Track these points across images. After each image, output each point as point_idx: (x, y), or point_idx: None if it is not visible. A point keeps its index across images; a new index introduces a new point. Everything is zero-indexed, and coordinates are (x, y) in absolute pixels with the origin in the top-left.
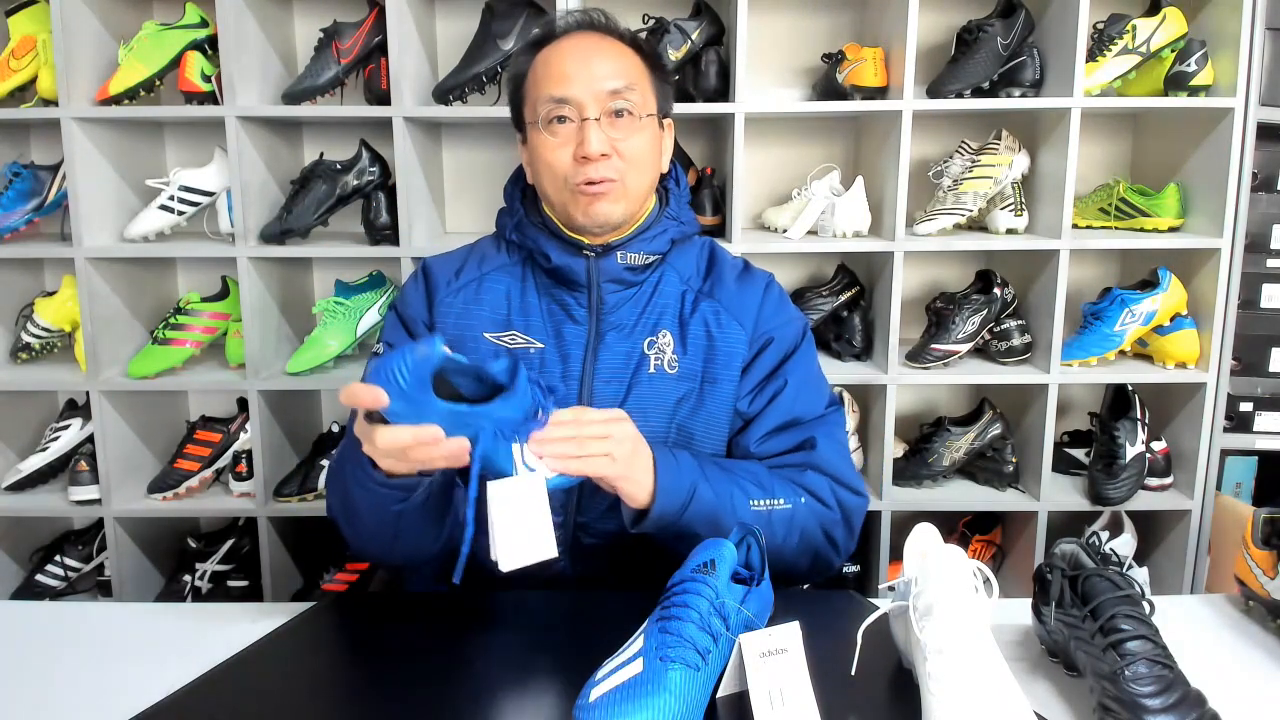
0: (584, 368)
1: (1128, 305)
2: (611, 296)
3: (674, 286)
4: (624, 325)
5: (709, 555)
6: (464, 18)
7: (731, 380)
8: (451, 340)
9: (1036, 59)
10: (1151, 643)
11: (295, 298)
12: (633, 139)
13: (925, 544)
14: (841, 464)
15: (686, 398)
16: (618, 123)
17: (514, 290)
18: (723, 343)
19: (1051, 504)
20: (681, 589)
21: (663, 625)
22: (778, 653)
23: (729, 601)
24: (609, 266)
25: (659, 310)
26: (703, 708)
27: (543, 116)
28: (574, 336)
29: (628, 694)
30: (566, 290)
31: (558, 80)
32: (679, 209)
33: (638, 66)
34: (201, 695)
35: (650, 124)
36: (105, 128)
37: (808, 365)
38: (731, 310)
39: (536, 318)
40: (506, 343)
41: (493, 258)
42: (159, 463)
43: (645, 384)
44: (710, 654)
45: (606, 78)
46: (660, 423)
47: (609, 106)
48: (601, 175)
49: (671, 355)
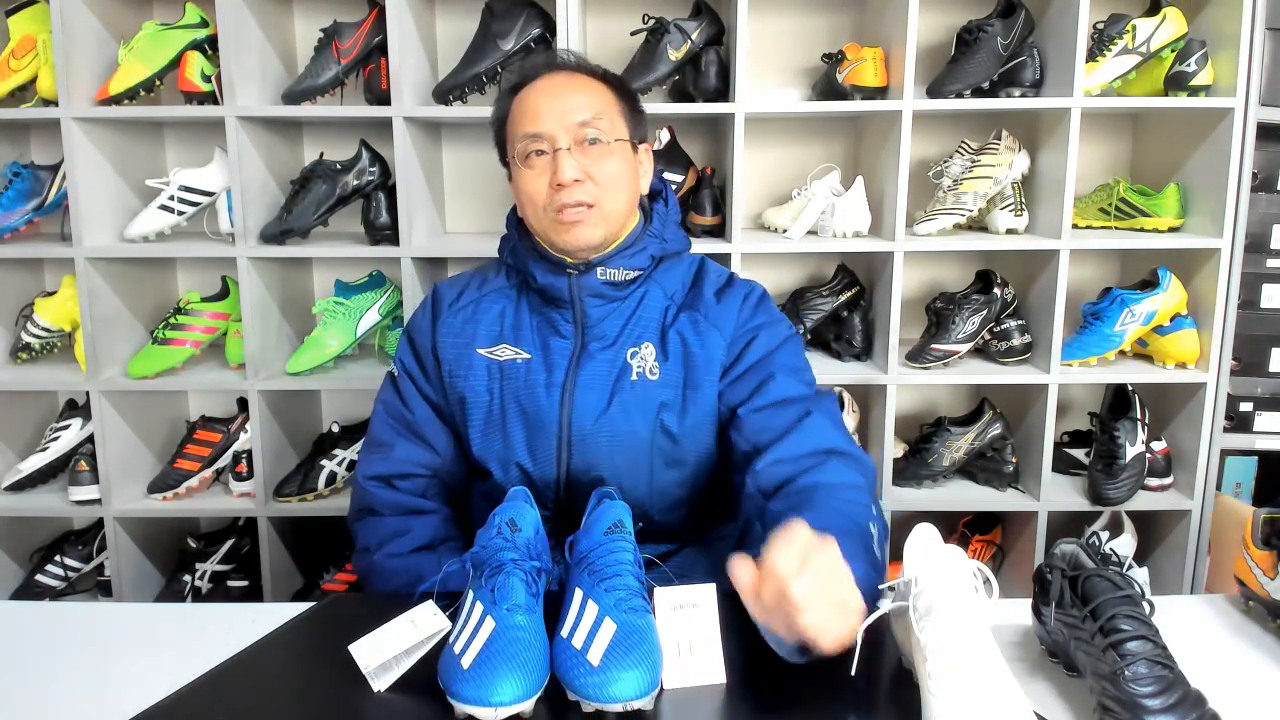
0: (567, 376)
1: (1128, 305)
2: (595, 311)
3: (658, 302)
4: (607, 337)
5: (613, 518)
6: (464, 18)
7: (713, 385)
8: (451, 358)
9: (1036, 59)
10: (1151, 643)
11: (295, 298)
12: (604, 163)
13: (925, 544)
14: (847, 441)
15: (670, 403)
16: (589, 149)
17: (508, 310)
18: (700, 349)
19: (1051, 504)
20: (605, 550)
21: (605, 586)
22: (689, 607)
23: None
24: (589, 282)
25: (642, 324)
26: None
27: (519, 152)
28: (560, 349)
29: (621, 650)
30: (554, 308)
31: (532, 118)
32: (663, 227)
33: (605, 97)
34: (201, 695)
35: (621, 148)
36: (105, 128)
37: (794, 359)
38: (710, 318)
39: (527, 332)
40: (496, 355)
41: (492, 281)
42: (159, 463)
43: (628, 390)
44: (648, 602)
45: (576, 110)
46: (644, 428)
47: (580, 135)
48: (577, 199)
49: (653, 363)
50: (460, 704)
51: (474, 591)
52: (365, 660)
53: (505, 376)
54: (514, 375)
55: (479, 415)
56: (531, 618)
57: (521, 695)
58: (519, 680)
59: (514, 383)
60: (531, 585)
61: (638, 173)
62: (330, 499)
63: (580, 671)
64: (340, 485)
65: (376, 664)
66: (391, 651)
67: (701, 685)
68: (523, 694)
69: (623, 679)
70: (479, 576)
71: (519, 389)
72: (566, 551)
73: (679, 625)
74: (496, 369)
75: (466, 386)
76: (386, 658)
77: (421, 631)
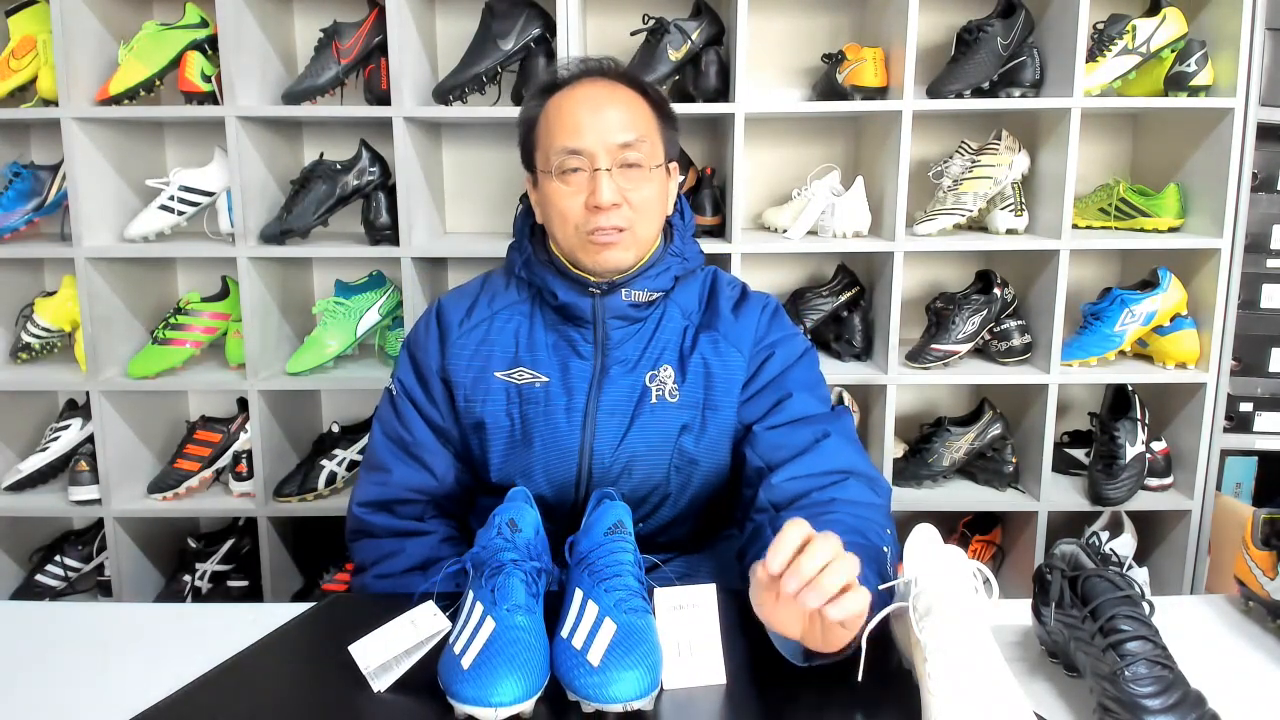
0: (588, 402)
1: (1128, 305)
2: (616, 333)
3: (676, 322)
4: (628, 360)
5: (613, 518)
6: (464, 18)
7: (732, 405)
8: (466, 381)
9: (1036, 59)
10: (1151, 643)
11: (295, 298)
12: (643, 188)
13: (925, 544)
14: (864, 462)
15: (689, 426)
16: (629, 173)
17: (523, 328)
18: (721, 370)
19: (1051, 504)
20: (605, 550)
21: (606, 586)
22: (689, 607)
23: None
24: (614, 304)
25: (662, 345)
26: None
27: (555, 166)
28: (579, 371)
29: (621, 651)
30: (573, 326)
31: (571, 131)
32: (683, 245)
33: (647, 116)
34: (201, 695)
35: (659, 174)
36: (105, 128)
37: (810, 374)
38: (730, 338)
39: (544, 352)
40: (515, 379)
41: (503, 295)
42: (159, 463)
43: (648, 414)
44: (647, 602)
45: (618, 129)
46: (663, 451)
47: (621, 158)
48: (612, 224)
49: (673, 386)
50: (460, 704)
51: (474, 592)
52: (365, 660)
53: (525, 401)
54: (533, 399)
55: (500, 440)
56: (532, 618)
57: (521, 695)
58: (519, 680)
59: (534, 407)
60: (531, 585)
61: (667, 193)
62: (330, 499)
63: (580, 672)
64: (340, 485)
65: (376, 664)
66: (391, 652)
67: (701, 685)
68: (523, 694)
69: (622, 679)
70: (479, 577)
71: (539, 414)
72: (566, 552)
73: (679, 625)
74: (515, 393)
75: (485, 411)
76: (386, 658)
77: (421, 632)
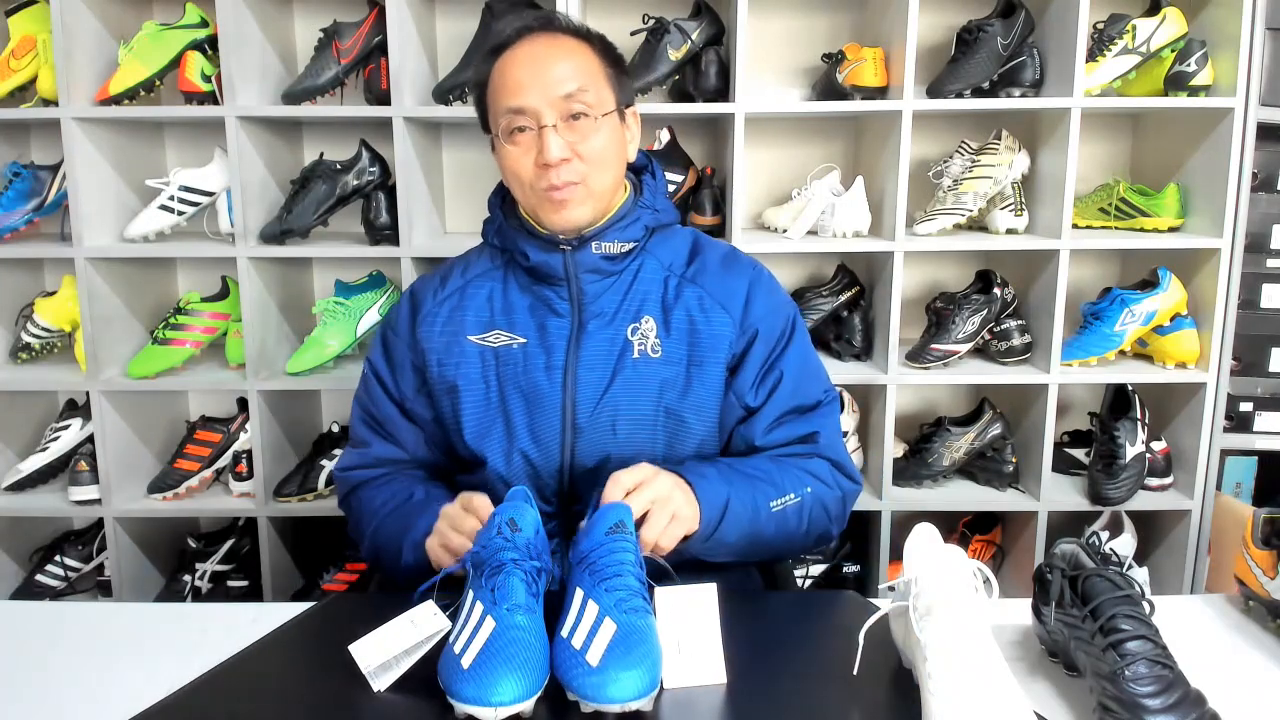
0: (567, 358)
1: (1128, 305)
2: (591, 287)
3: (655, 273)
4: (605, 314)
5: (615, 519)
6: (464, 18)
7: (718, 364)
8: (439, 347)
9: (1036, 59)
10: (1151, 643)
11: (295, 298)
12: (592, 139)
13: (925, 544)
14: (842, 451)
15: (672, 382)
16: (575, 125)
17: (496, 292)
18: (707, 328)
19: (1051, 504)
20: (606, 550)
21: (606, 586)
22: (689, 607)
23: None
24: (585, 258)
25: (640, 297)
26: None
27: (503, 128)
28: (557, 329)
29: (621, 650)
30: (547, 285)
31: (513, 90)
32: (654, 198)
33: (591, 64)
34: (201, 695)
35: (609, 121)
36: (105, 128)
37: (801, 352)
38: (716, 296)
39: (520, 315)
40: (490, 342)
41: (476, 264)
42: (159, 463)
43: (630, 369)
44: (648, 602)
45: (560, 81)
46: (647, 407)
47: (566, 109)
48: (564, 180)
49: (655, 340)
50: (460, 704)
51: (474, 591)
52: (365, 660)
53: (501, 363)
54: (511, 361)
55: (474, 402)
56: (532, 618)
57: (521, 695)
58: (519, 680)
59: (512, 369)
60: (532, 585)
61: (625, 141)
62: (330, 499)
63: (580, 672)
64: None
65: (376, 664)
66: (391, 651)
67: (701, 685)
68: (523, 694)
69: (622, 679)
70: (479, 576)
71: (518, 375)
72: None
73: (679, 625)
74: (491, 355)
75: (459, 374)
76: (386, 658)
77: (421, 631)
